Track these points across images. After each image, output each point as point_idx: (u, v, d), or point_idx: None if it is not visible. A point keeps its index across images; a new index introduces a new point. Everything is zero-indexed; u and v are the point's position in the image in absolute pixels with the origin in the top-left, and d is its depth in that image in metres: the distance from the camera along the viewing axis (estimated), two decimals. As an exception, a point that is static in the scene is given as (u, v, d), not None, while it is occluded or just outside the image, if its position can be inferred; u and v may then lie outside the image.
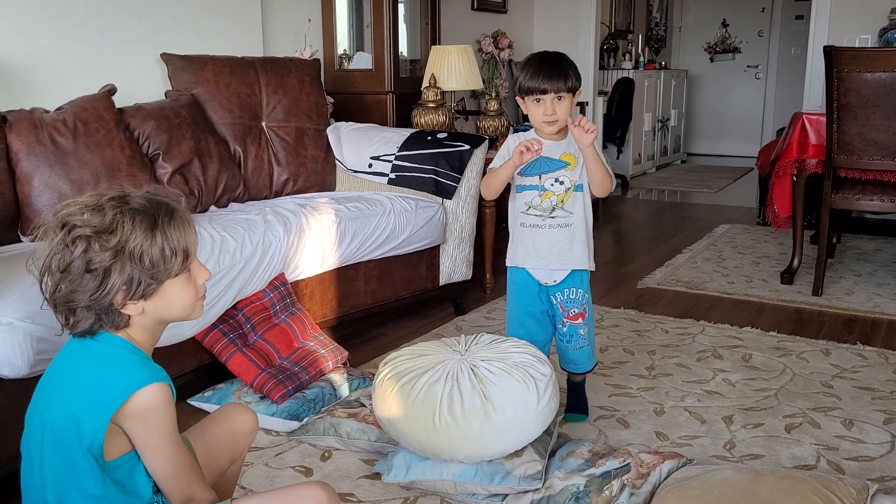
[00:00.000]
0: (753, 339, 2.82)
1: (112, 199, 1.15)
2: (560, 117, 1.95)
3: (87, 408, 1.12)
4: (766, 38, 8.52)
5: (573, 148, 1.99)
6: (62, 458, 1.13)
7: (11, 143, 2.23)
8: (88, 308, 1.13)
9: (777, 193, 3.47)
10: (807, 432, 2.09)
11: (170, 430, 1.16)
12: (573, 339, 2.08)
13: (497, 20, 5.43)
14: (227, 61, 2.98)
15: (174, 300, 1.20)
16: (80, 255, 1.11)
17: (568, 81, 1.92)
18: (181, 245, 1.18)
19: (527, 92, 1.94)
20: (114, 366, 1.15)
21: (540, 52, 2.00)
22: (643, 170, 7.24)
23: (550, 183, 2.00)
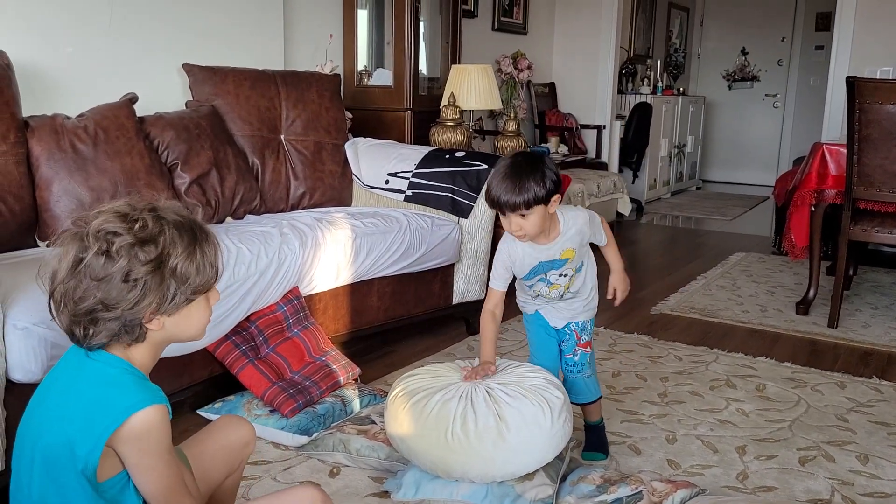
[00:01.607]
0: (768, 369, 2.78)
1: (150, 209, 1.13)
2: (529, 232, 1.82)
3: (82, 429, 1.09)
4: (786, 68, 8.52)
5: (571, 242, 1.92)
6: (53, 479, 1.10)
7: (32, 149, 2.25)
8: (116, 319, 1.09)
9: (795, 223, 3.44)
10: (821, 466, 2.06)
11: (164, 450, 1.13)
12: (584, 368, 2.05)
13: (517, 41, 5.46)
14: (247, 74, 3.00)
15: (194, 320, 1.18)
16: (122, 264, 1.08)
17: (527, 195, 1.76)
18: (215, 263, 1.17)
19: (490, 205, 1.85)
20: (110, 386, 1.12)
21: (512, 157, 1.85)
22: (658, 195, 7.22)
23: (555, 277, 1.96)
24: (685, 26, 8.70)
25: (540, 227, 1.83)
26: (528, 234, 1.83)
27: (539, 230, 1.84)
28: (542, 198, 1.78)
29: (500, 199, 1.78)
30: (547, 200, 1.80)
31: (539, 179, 1.77)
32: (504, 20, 5.30)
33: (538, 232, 1.85)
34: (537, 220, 1.81)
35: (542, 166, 1.80)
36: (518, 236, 1.85)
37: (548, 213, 1.83)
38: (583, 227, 1.93)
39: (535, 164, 1.80)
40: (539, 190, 1.77)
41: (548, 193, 1.79)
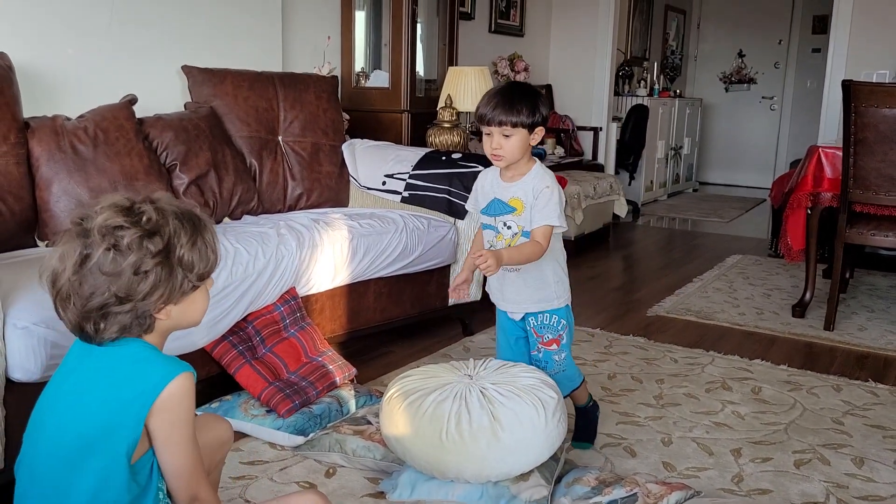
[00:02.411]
0: (763, 371, 2.80)
1: (150, 201, 1.15)
2: (506, 154, 1.85)
3: (120, 410, 1.11)
4: (782, 70, 8.55)
5: (523, 192, 1.90)
6: (91, 468, 1.11)
7: (33, 149, 2.26)
8: (128, 312, 1.12)
9: (791, 226, 3.46)
10: (816, 469, 2.07)
11: (191, 421, 1.16)
12: (548, 365, 2.01)
13: (514, 43, 5.47)
14: (246, 75, 3.01)
15: (198, 306, 1.22)
16: (132, 258, 1.10)
17: (517, 117, 1.81)
18: (216, 249, 1.20)
19: (477, 120, 1.88)
20: (140, 363, 1.15)
21: (507, 82, 1.95)
22: (655, 197, 7.24)
23: (502, 225, 1.95)
24: (682, 28, 8.72)
25: (517, 153, 1.87)
26: (505, 156, 1.87)
27: (515, 156, 1.87)
28: (528, 123, 1.83)
29: (489, 113, 1.83)
30: (532, 128, 1.85)
31: (531, 105, 1.84)
32: (501, 22, 5.32)
33: (514, 158, 1.88)
34: (517, 143, 1.85)
35: (538, 96, 1.88)
36: (495, 156, 1.88)
37: (528, 143, 1.88)
38: (540, 189, 1.88)
39: (531, 92, 1.89)
40: (528, 114, 1.83)
41: (534, 122, 1.85)
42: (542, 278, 1.98)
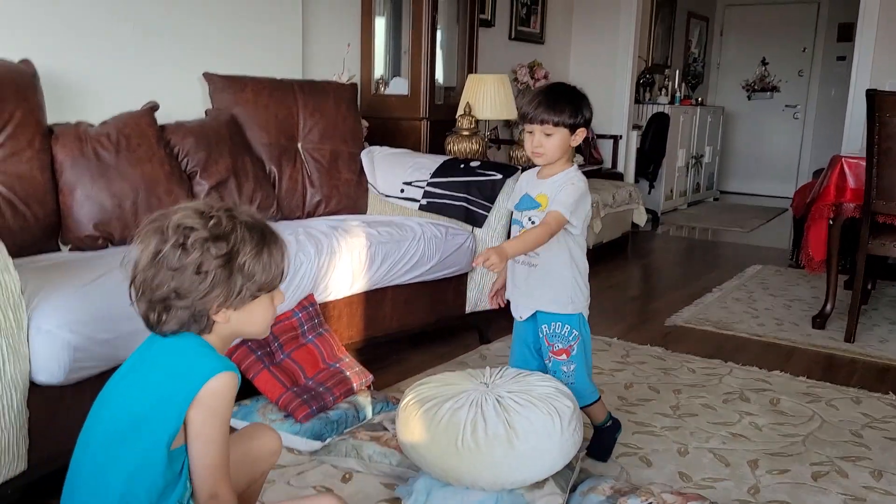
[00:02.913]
0: (782, 383, 2.77)
1: (226, 209, 1.22)
2: (546, 152, 1.88)
3: (166, 400, 1.17)
4: (806, 79, 8.48)
5: (551, 189, 1.92)
6: (134, 450, 1.17)
7: (57, 155, 2.30)
8: (187, 308, 1.18)
9: (812, 236, 3.43)
10: (834, 481, 2.05)
11: (227, 420, 1.21)
12: (556, 375, 2.01)
13: (534, 50, 5.48)
14: (266, 83, 3.04)
15: (257, 316, 1.26)
16: (195, 257, 1.16)
17: (558, 116, 1.85)
18: (281, 264, 1.25)
19: (520, 118, 1.93)
20: (189, 357, 1.21)
21: (553, 82, 1.99)
22: (675, 206, 7.20)
23: (526, 220, 1.97)
24: (705, 36, 8.68)
25: (557, 153, 1.89)
26: (545, 154, 1.89)
27: (555, 155, 1.90)
28: (569, 123, 1.86)
29: (531, 111, 1.86)
30: (573, 129, 1.88)
31: (574, 106, 1.87)
32: (521, 29, 5.32)
33: (554, 157, 1.90)
34: (557, 143, 1.87)
35: (582, 98, 1.91)
36: (536, 154, 1.90)
37: (569, 144, 1.90)
38: (566, 183, 1.90)
39: (575, 93, 1.92)
40: (570, 115, 1.86)
41: (576, 123, 1.87)
42: (559, 278, 1.98)
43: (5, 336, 1.57)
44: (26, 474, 1.68)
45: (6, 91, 2.17)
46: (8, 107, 2.17)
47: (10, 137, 2.17)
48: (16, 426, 1.62)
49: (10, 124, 2.17)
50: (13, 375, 1.60)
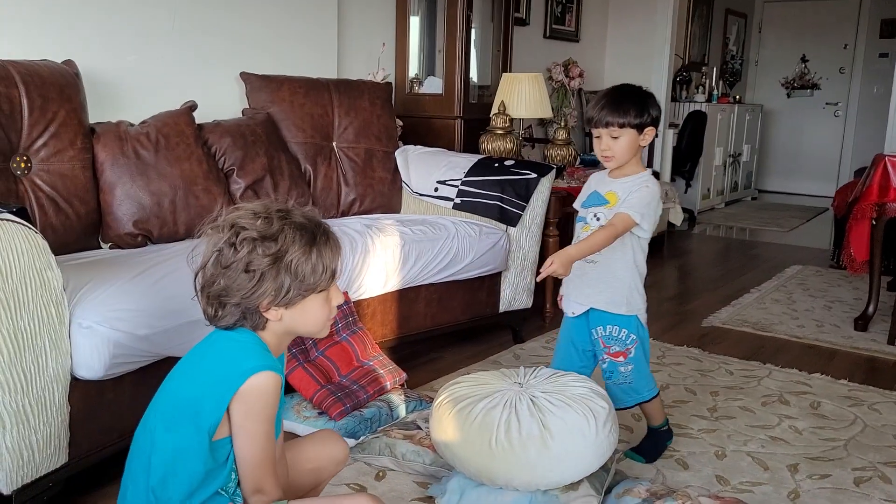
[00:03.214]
0: (823, 386, 2.72)
1: (279, 210, 1.25)
2: (616, 154, 1.89)
3: (208, 390, 1.21)
4: (848, 76, 8.30)
5: (622, 189, 1.92)
6: (176, 432, 1.21)
7: (98, 154, 2.34)
8: (237, 305, 1.22)
9: (854, 236, 3.35)
10: (877, 487, 2.00)
11: (267, 418, 1.23)
12: (613, 376, 2.03)
13: (569, 49, 5.44)
14: (302, 82, 3.07)
15: (310, 315, 1.28)
16: (244, 255, 1.20)
17: (623, 117, 1.85)
18: (331, 265, 1.26)
19: (587, 122, 1.95)
20: (236, 351, 1.24)
21: (620, 84, 1.96)
22: (712, 205, 7.10)
23: (591, 216, 1.97)
24: (742, 33, 8.54)
25: (628, 154, 1.88)
26: (615, 156, 1.89)
27: (625, 157, 1.89)
28: (636, 123, 1.85)
29: (596, 115, 1.87)
30: (641, 129, 1.86)
31: (639, 106, 1.86)
32: (556, 28, 5.29)
33: (624, 158, 1.89)
34: (627, 144, 1.87)
35: (647, 97, 1.89)
36: (605, 157, 1.90)
37: (638, 144, 1.89)
38: (639, 186, 1.89)
39: (640, 93, 1.90)
40: (635, 115, 1.85)
41: (642, 123, 1.86)
42: (617, 279, 1.96)
43: (48, 331, 1.60)
44: (67, 467, 1.71)
45: (50, 91, 2.22)
46: (52, 107, 2.21)
47: (54, 137, 2.21)
48: (57, 420, 1.65)
49: (54, 124, 2.22)
50: (55, 370, 1.63)
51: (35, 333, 1.57)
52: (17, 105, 2.15)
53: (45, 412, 1.62)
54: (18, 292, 1.53)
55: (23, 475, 1.61)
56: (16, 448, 1.58)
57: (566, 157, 3.88)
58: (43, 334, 1.59)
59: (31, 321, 1.56)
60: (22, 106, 2.16)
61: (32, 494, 1.64)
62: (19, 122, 2.16)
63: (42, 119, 2.19)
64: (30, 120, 2.17)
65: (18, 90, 2.15)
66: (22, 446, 1.58)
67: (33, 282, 1.56)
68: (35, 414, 1.60)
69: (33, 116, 2.18)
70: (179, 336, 1.85)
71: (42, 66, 2.26)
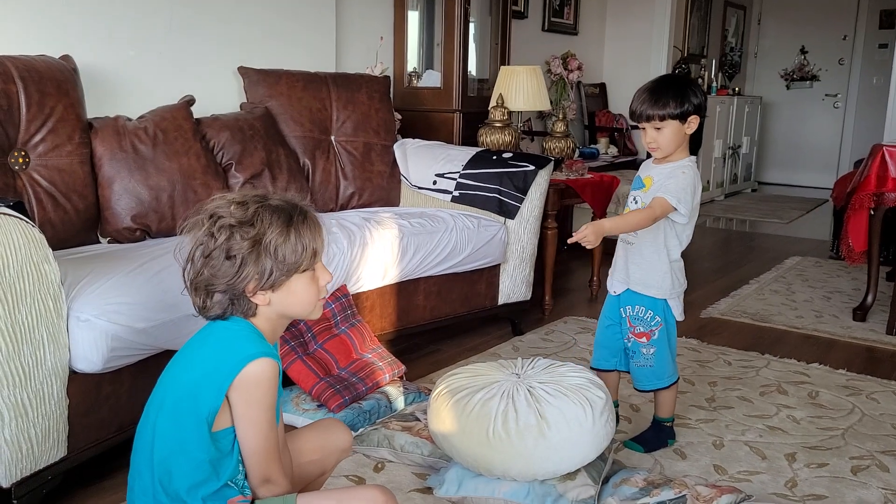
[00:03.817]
0: (821, 375, 2.72)
1: (255, 196, 1.27)
2: (661, 146, 1.93)
3: (205, 379, 1.22)
4: (847, 67, 8.28)
5: (658, 173, 1.97)
6: (175, 422, 1.22)
7: (96, 149, 2.34)
8: (224, 292, 1.24)
9: (852, 227, 3.36)
10: (874, 475, 2.01)
11: (268, 406, 1.23)
12: (635, 356, 2.08)
13: (567, 41, 5.43)
14: (300, 76, 3.07)
15: (298, 295, 1.28)
16: (223, 242, 1.22)
17: (663, 110, 1.89)
18: (311, 244, 1.27)
19: (630, 116, 1.97)
20: (232, 340, 1.25)
21: (663, 75, 2.02)
22: (711, 197, 7.10)
23: (632, 199, 2.04)
24: (741, 25, 8.52)
25: (673, 144, 1.92)
26: (660, 147, 1.93)
27: (672, 147, 1.93)
28: (676, 114, 1.88)
29: (638, 108, 1.91)
30: (684, 118, 1.90)
31: (679, 96, 1.88)
32: (554, 20, 5.28)
33: (670, 149, 1.93)
34: (671, 135, 1.90)
35: (687, 86, 1.92)
36: (651, 148, 1.95)
37: (684, 132, 1.92)
38: (677, 171, 1.93)
39: (679, 83, 1.93)
40: (676, 106, 1.88)
41: (684, 112, 1.89)
42: (649, 261, 2.01)
43: (46, 325, 1.61)
44: (66, 460, 1.72)
45: (48, 87, 2.22)
46: (49, 102, 2.22)
47: (52, 132, 2.22)
48: (56, 413, 1.66)
49: (52, 119, 2.22)
50: (53, 364, 1.64)
51: (33, 327, 1.58)
52: (14, 100, 2.15)
53: (44, 405, 1.63)
54: (16, 286, 1.53)
55: (22, 468, 1.61)
56: (14, 441, 1.58)
57: (564, 150, 3.88)
58: (41, 328, 1.60)
59: (29, 315, 1.57)
60: (19, 101, 2.16)
61: (31, 487, 1.65)
62: (17, 118, 2.16)
63: (40, 114, 2.19)
64: (27, 115, 2.18)
65: (16, 85, 2.15)
66: (21, 439, 1.59)
67: (30, 275, 1.56)
68: (34, 407, 1.60)
69: (31, 112, 2.18)
70: (177, 329, 1.85)
71: (39, 62, 2.26)
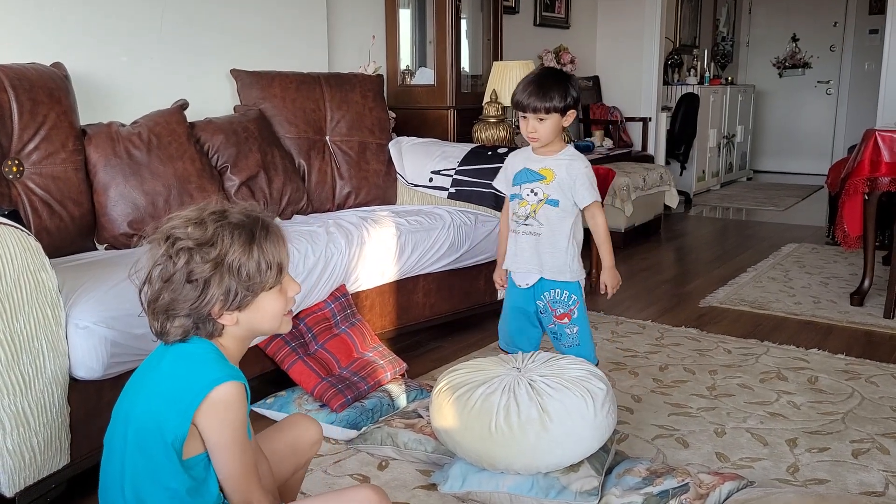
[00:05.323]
0: (820, 361, 2.73)
1: (213, 213, 1.21)
2: (541, 136, 2.03)
3: (169, 405, 1.17)
4: (839, 53, 8.29)
5: (556, 165, 2.06)
6: (143, 453, 1.17)
7: (90, 156, 2.34)
8: (187, 316, 1.18)
9: (847, 212, 3.36)
10: (875, 458, 2.02)
11: (239, 427, 1.19)
12: (562, 338, 2.14)
13: (559, 35, 5.44)
14: (293, 77, 3.07)
15: (267, 312, 1.24)
16: (183, 266, 1.16)
17: (549, 102, 1.99)
18: (276, 259, 1.22)
19: (514, 106, 2.06)
20: (194, 363, 1.20)
21: (540, 68, 2.13)
22: (707, 187, 7.10)
23: (527, 192, 2.09)
24: (733, 14, 8.52)
25: (551, 135, 2.04)
26: (540, 137, 2.04)
27: (549, 137, 2.05)
28: (560, 107, 2.00)
29: (524, 101, 2.01)
30: (565, 112, 2.02)
31: (562, 91, 2.00)
32: (546, 15, 5.29)
33: (549, 139, 2.05)
34: (552, 126, 2.02)
35: (568, 81, 2.04)
36: (532, 138, 2.05)
37: (561, 125, 2.04)
38: (577, 170, 2.05)
39: (562, 77, 2.05)
40: (560, 100, 2.00)
41: (566, 106, 2.01)
42: (561, 248, 2.09)
43: (44, 333, 1.61)
44: (69, 468, 1.72)
45: (40, 94, 2.22)
46: (42, 110, 2.22)
47: (45, 140, 2.22)
48: (57, 421, 1.66)
49: (45, 127, 2.22)
50: (53, 371, 1.64)
51: (32, 336, 1.58)
52: (6, 109, 2.15)
53: (45, 414, 1.63)
54: (13, 295, 1.53)
55: (25, 477, 1.61)
56: (17, 451, 1.58)
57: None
58: (40, 336, 1.60)
59: (28, 323, 1.57)
60: (11, 110, 2.16)
61: (35, 496, 1.65)
62: (9, 126, 2.16)
63: (32, 122, 2.19)
64: (20, 124, 2.18)
65: (7, 94, 2.15)
66: (23, 448, 1.59)
67: (28, 284, 1.56)
68: (35, 416, 1.60)
69: (23, 120, 2.18)
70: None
71: (30, 70, 2.26)
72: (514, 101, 2.04)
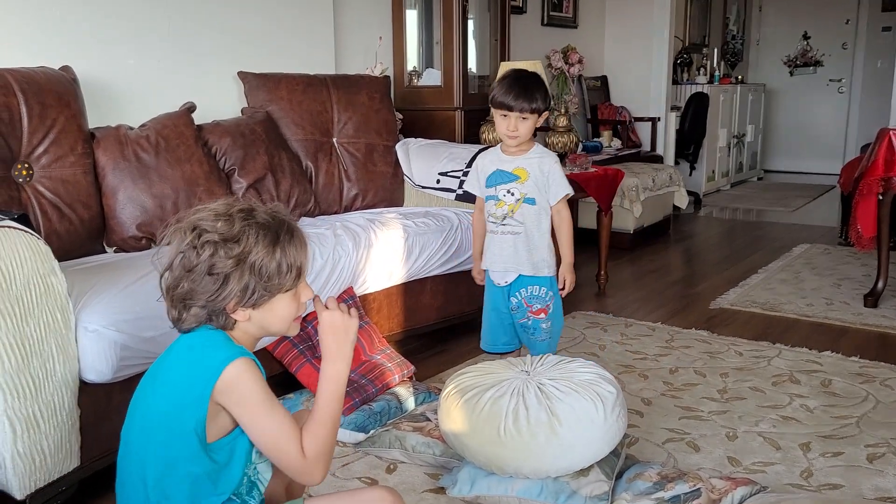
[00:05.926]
0: (833, 363, 2.71)
1: (241, 210, 1.23)
2: (521, 134, 2.12)
3: (186, 391, 1.19)
4: (851, 51, 8.23)
5: (528, 164, 2.15)
6: (164, 442, 1.20)
7: (99, 159, 2.34)
8: (203, 307, 1.21)
9: (861, 213, 3.33)
10: (890, 463, 1.99)
11: (260, 396, 1.20)
12: (536, 332, 2.22)
13: (567, 35, 5.42)
14: (300, 79, 3.06)
15: (279, 313, 1.27)
16: (206, 258, 1.19)
17: (534, 104, 2.09)
18: (296, 263, 1.25)
19: (497, 106, 2.12)
20: (204, 348, 1.22)
21: (516, 69, 2.20)
22: (717, 187, 7.07)
23: (503, 193, 2.17)
24: (743, 12, 8.48)
25: (529, 134, 2.14)
26: (519, 136, 2.13)
27: (527, 136, 2.15)
28: (541, 108, 2.12)
29: (509, 101, 2.09)
30: (541, 113, 2.13)
31: (543, 93, 2.13)
32: (553, 14, 5.27)
33: (527, 137, 2.15)
34: (530, 126, 2.12)
35: (543, 84, 2.17)
36: (511, 136, 2.13)
37: (535, 125, 2.14)
38: (549, 166, 2.15)
39: (540, 81, 2.17)
40: (542, 102, 2.11)
41: (545, 108, 2.14)
42: (538, 245, 2.17)
43: (54, 337, 1.61)
44: (79, 470, 1.72)
45: (48, 98, 2.22)
46: (51, 113, 2.22)
47: (54, 143, 2.22)
48: (68, 424, 1.66)
49: (53, 130, 2.22)
50: (63, 375, 1.64)
51: (42, 339, 1.58)
52: (15, 113, 2.15)
53: (56, 417, 1.63)
54: (23, 299, 1.53)
55: (36, 480, 1.62)
56: (28, 454, 1.58)
57: (568, 144, 3.86)
58: (50, 339, 1.60)
59: (37, 327, 1.57)
60: (21, 114, 2.16)
61: (46, 498, 1.65)
62: (19, 130, 2.16)
63: (41, 126, 2.20)
64: (29, 127, 2.18)
65: (17, 98, 2.16)
66: (34, 451, 1.59)
67: (37, 287, 1.56)
68: (45, 419, 1.60)
69: (32, 124, 2.18)
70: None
71: (39, 73, 2.26)
72: (497, 101, 2.11)
